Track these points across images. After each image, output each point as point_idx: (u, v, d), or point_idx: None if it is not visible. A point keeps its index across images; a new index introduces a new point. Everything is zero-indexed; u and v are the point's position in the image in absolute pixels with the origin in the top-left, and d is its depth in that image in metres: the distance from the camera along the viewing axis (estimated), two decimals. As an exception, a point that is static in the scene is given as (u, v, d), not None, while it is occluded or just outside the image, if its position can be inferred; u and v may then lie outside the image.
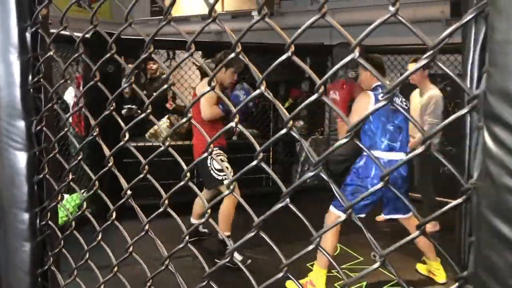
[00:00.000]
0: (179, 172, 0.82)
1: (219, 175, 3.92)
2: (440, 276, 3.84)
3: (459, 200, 0.56)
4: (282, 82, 6.48)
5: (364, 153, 3.45)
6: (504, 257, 0.48)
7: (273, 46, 5.37)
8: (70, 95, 5.28)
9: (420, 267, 4.03)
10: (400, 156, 3.48)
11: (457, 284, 0.57)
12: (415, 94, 4.83)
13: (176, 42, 5.27)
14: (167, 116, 6.07)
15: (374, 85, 3.48)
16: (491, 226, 0.49)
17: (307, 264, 3.79)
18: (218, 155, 3.99)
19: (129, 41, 4.71)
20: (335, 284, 3.72)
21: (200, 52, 5.84)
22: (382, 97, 0.56)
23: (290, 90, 6.42)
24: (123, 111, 5.68)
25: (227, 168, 3.80)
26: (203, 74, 6.29)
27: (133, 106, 5.76)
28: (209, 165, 3.90)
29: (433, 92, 4.56)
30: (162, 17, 0.86)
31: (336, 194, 0.68)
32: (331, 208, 3.54)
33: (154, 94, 6.63)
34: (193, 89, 4.64)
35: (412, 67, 4.69)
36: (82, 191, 4.81)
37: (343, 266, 4.08)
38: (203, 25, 0.82)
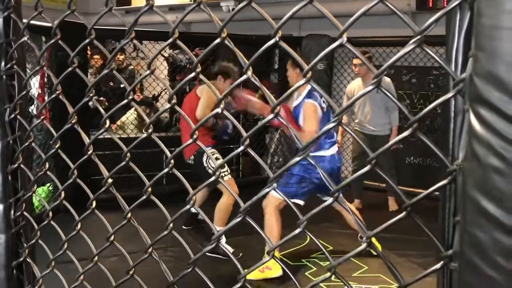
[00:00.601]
0: (155, 163, 0.82)
1: (222, 172, 4.02)
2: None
3: (444, 181, 0.58)
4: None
5: (311, 153, 3.51)
6: (490, 234, 0.50)
7: (247, 38, 5.38)
8: (34, 86, 5.13)
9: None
10: (334, 150, 3.77)
11: (442, 262, 0.59)
12: (354, 86, 5.13)
13: (143, 32, 5.19)
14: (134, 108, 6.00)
15: (307, 91, 3.67)
16: (477, 205, 0.51)
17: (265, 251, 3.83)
18: (213, 154, 4.07)
19: (99, 31, 4.61)
20: (306, 273, 3.78)
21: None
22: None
23: (260, 81, 6.41)
24: (90, 103, 5.56)
25: (224, 166, 3.87)
26: (171, 66, 6.24)
27: (101, 98, 5.65)
28: (205, 164, 4.03)
29: (385, 79, 4.81)
30: (126, 6, 0.86)
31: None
32: (272, 192, 3.65)
33: (121, 85, 6.52)
34: (190, 89, 4.72)
35: (356, 61, 4.95)
36: (48, 184, 4.70)
37: (313, 255, 4.13)
38: (172, 15, 0.81)
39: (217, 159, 4.03)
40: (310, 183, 3.67)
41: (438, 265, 0.60)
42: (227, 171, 4.15)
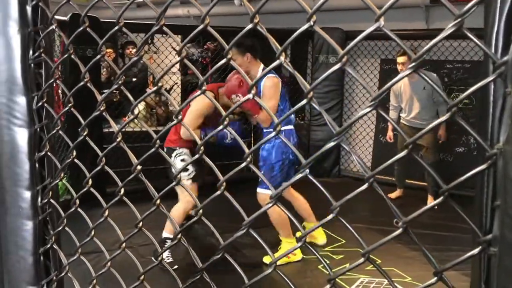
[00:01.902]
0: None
1: (184, 175, 3.75)
2: (320, 237, 4.19)
3: (484, 166, 0.57)
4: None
5: (283, 127, 3.58)
6: (534, 217, 0.50)
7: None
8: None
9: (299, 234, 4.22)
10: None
11: (480, 247, 0.59)
12: (401, 83, 5.10)
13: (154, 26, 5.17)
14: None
15: (262, 68, 3.66)
16: (520, 188, 0.51)
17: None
18: (179, 155, 3.81)
19: (109, 24, 4.63)
20: (319, 267, 3.78)
21: (179, 36, 5.77)
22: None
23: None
24: (102, 95, 5.60)
25: (187, 169, 3.70)
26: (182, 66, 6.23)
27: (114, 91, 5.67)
28: (172, 162, 3.81)
29: (432, 74, 4.99)
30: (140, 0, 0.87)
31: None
32: (259, 190, 3.75)
33: (134, 79, 6.54)
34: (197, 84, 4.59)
35: (401, 59, 4.88)
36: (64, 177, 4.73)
37: (327, 249, 4.14)
38: (183, 8, 0.82)
39: (182, 160, 3.78)
40: (289, 162, 3.71)
41: (475, 250, 0.60)
42: (189, 175, 3.79)
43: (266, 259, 3.74)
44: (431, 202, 5.50)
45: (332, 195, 0.71)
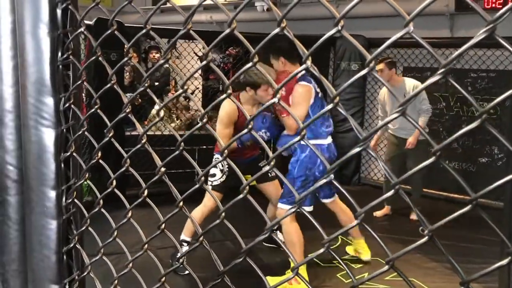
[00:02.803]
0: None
1: (209, 180, 3.80)
2: (365, 253, 3.97)
3: (514, 175, 0.56)
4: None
5: (310, 140, 3.33)
6: None
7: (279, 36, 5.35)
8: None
9: (348, 249, 4.17)
10: (331, 139, 3.60)
11: (509, 258, 0.58)
12: (384, 91, 5.06)
13: (178, 31, 5.23)
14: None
15: (300, 74, 3.37)
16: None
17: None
18: (215, 160, 3.82)
19: (133, 29, 4.70)
20: (338, 275, 3.75)
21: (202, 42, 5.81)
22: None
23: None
24: (125, 100, 5.69)
25: (214, 175, 3.73)
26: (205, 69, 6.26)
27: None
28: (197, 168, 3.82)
29: (418, 83, 4.89)
30: (165, 5, 0.88)
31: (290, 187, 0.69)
32: (279, 205, 3.56)
33: (156, 83, 6.62)
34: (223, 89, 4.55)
35: (379, 66, 4.86)
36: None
37: (345, 257, 4.10)
38: (206, 14, 0.83)
39: (215, 167, 3.74)
40: (315, 179, 3.45)
41: (504, 261, 0.58)
42: (215, 181, 3.77)
43: (270, 280, 3.36)
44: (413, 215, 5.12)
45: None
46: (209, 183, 3.78)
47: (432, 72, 5.88)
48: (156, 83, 6.64)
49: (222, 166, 3.74)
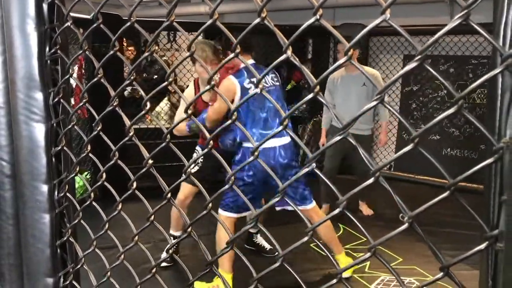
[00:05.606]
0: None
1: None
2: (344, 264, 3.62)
3: (490, 160, 0.56)
4: (284, 64, 6.46)
5: (241, 146, 3.19)
6: (539, 212, 0.49)
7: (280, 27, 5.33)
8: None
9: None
10: (279, 142, 3.16)
11: (487, 243, 0.58)
12: (338, 74, 4.58)
13: (177, 23, 5.23)
14: (167, 97, 6.14)
15: (241, 67, 3.12)
16: (526, 182, 0.50)
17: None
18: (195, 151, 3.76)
19: (137, 22, 4.67)
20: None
21: (186, 34, 5.81)
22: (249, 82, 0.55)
23: (293, 72, 6.39)
24: (125, 93, 5.70)
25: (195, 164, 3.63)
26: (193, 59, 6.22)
27: (136, 88, 5.76)
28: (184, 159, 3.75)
29: (374, 72, 4.57)
30: None
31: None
32: (219, 211, 3.26)
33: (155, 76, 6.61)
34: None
35: (340, 46, 4.65)
36: (86, 173, 4.82)
37: (347, 246, 4.11)
38: (205, 6, 0.84)
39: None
40: (244, 185, 3.11)
41: (482, 246, 0.59)
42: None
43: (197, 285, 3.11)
44: (365, 209, 4.80)
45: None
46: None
47: (433, 59, 5.85)
48: (155, 76, 6.64)
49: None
